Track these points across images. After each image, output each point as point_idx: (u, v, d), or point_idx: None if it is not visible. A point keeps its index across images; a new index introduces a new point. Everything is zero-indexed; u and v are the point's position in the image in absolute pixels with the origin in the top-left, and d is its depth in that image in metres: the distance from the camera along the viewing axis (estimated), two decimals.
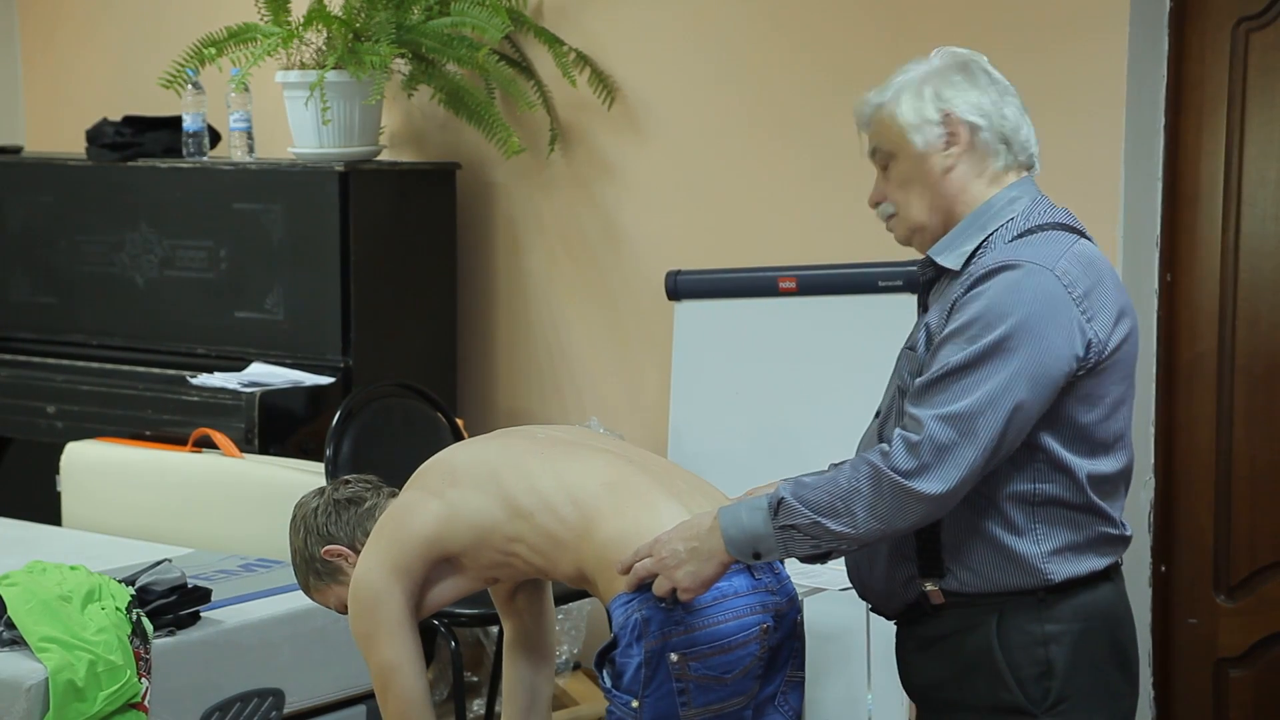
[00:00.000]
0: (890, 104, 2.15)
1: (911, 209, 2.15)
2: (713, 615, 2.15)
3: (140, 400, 4.24)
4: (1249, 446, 3.41)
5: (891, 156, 2.16)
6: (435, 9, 4.18)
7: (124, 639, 2.65)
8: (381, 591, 2.30)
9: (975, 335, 2.00)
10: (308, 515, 2.48)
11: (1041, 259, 2.03)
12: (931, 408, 1.99)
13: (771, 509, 2.03)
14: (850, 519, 2.00)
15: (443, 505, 2.31)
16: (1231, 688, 3.46)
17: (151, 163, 4.44)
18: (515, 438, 2.42)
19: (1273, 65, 3.35)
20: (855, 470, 2.01)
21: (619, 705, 2.18)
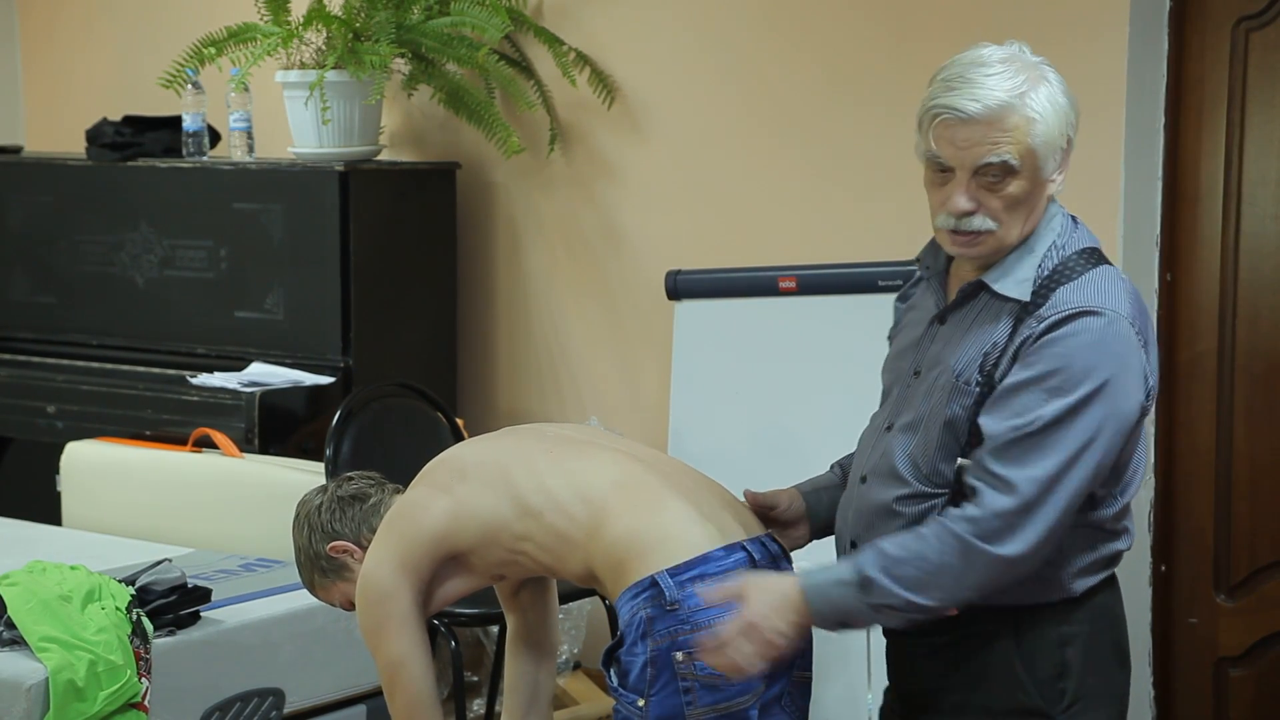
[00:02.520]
0: (1032, 112, 1.98)
1: (1013, 231, 2.03)
2: (718, 615, 2.12)
3: (140, 400, 4.24)
4: (1249, 446, 3.41)
5: (1014, 172, 1.99)
6: (435, 9, 4.18)
7: (124, 639, 2.65)
8: (390, 587, 2.30)
9: (1060, 388, 1.95)
10: (311, 512, 2.47)
11: (1115, 304, 1.99)
12: (1020, 468, 1.95)
13: (861, 586, 1.99)
14: (941, 592, 1.98)
15: (452, 502, 2.30)
16: (1232, 687, 3.46)
17: (151, 162, 4.44)
18: (524, 436, 2.42)
19: (1273, 65, 3.35)
20: (943, 543, 1.97)
21: (625, 704, 2.18)
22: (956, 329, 2.10)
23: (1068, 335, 1.97)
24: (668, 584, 2.14)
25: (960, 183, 2.01)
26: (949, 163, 2.02)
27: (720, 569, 2.15)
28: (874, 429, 2.21)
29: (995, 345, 2.04)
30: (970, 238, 2.04)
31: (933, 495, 2.07)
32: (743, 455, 3.47)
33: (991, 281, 2.06)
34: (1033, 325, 2.00)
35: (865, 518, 2.14)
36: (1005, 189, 2.01)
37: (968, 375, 2.04)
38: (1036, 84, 2.01)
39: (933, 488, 2.06)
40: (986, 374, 2.03)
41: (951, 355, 2.08)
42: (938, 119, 2.01)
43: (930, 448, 2.07)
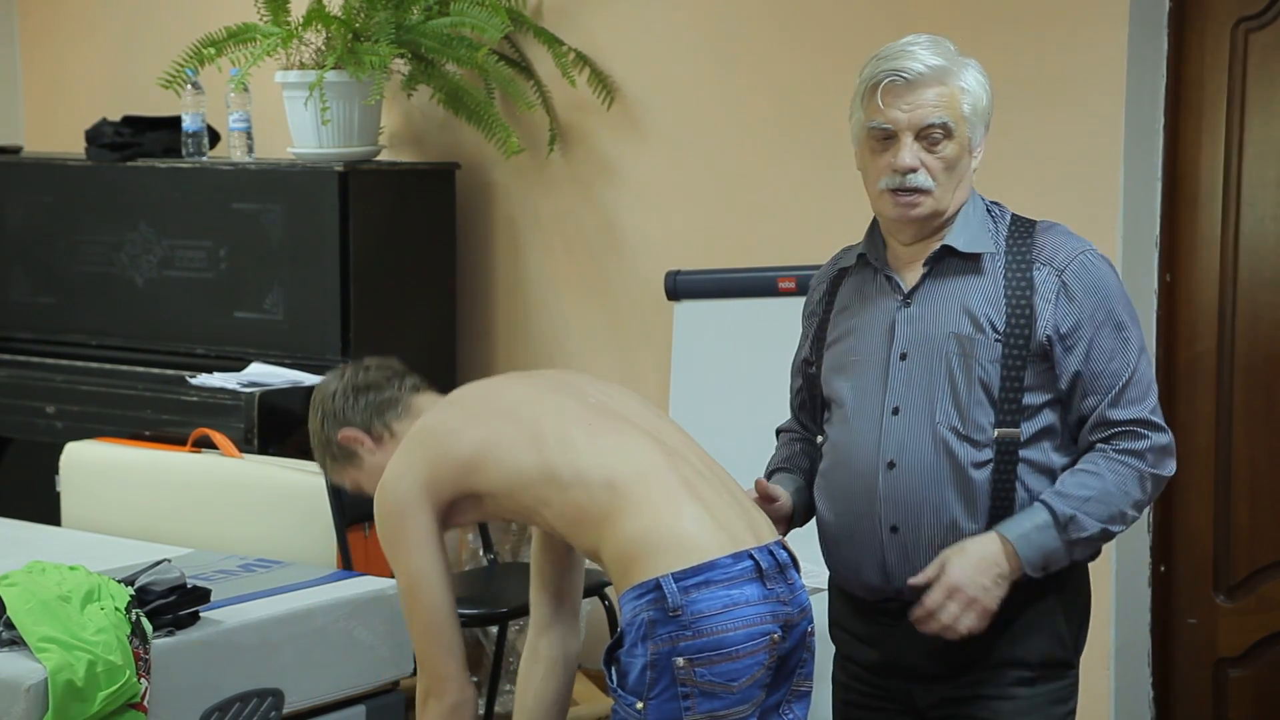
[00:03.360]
0: (964, 84, 2.20)
1: (946, 196, 2.22)
2: (721, 623, 2.13)
3: (139, 400, 4.24)
4: (1249, 446, 3.41)
5: (950, 135, 2.19)
6: (435, 9, 4.18)
7: (123, 639, 2.65)
8: (410, 504, 2.27)
9: (1118, 325, 2.20)
10: (325, 399, 2.44)
11: (1091, 244, 2.25)
12: (1142, 405, 2.20)
13: (1061, 526, 2.16)
14: (1123, 520, 2.19)
15: (483, 439, 2.28)
16: (1231, 688, 3.46)
17: (151, 163, 4.44)
18: (567, 397, 2.34)
19: (1272, 65, 3.36)
20: (1120, 476, 2.18)
21: (624, 706, 2.17)
22: (932, 302, 2.22)
23: (1089, 272, 2.20)
24: (671, 589, 2.13)
25: (905, 144, 2.18)
26: (893, 127, 2.18)
27: (726, 576, 2.14)
28: (866, 420, 2.24)
29: (992, 296, 2.19)
30: (912, 197, 2.19)
31: (982, 461, 2.18)
32: (742, 455, 3.46)
33: (956, 243, 2.22)
34: (1053, 278, 2.18)
35: (907, 500, 2.20)
36: (943, 151, 2.19)
37: (978, 330, 2.19)
38: (964, 65, 2.23)
39: (979, 450, 2.18)
40: (1006, 326, 2.17)
41: (939, 324, 2.21)
42: (881, 85, 2.19)
43: (966, 411, 2.18)
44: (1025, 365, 2.16)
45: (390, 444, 2.39)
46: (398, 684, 3.16)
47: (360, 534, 3.58)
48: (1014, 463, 2.17)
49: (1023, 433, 2.17)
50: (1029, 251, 2.19)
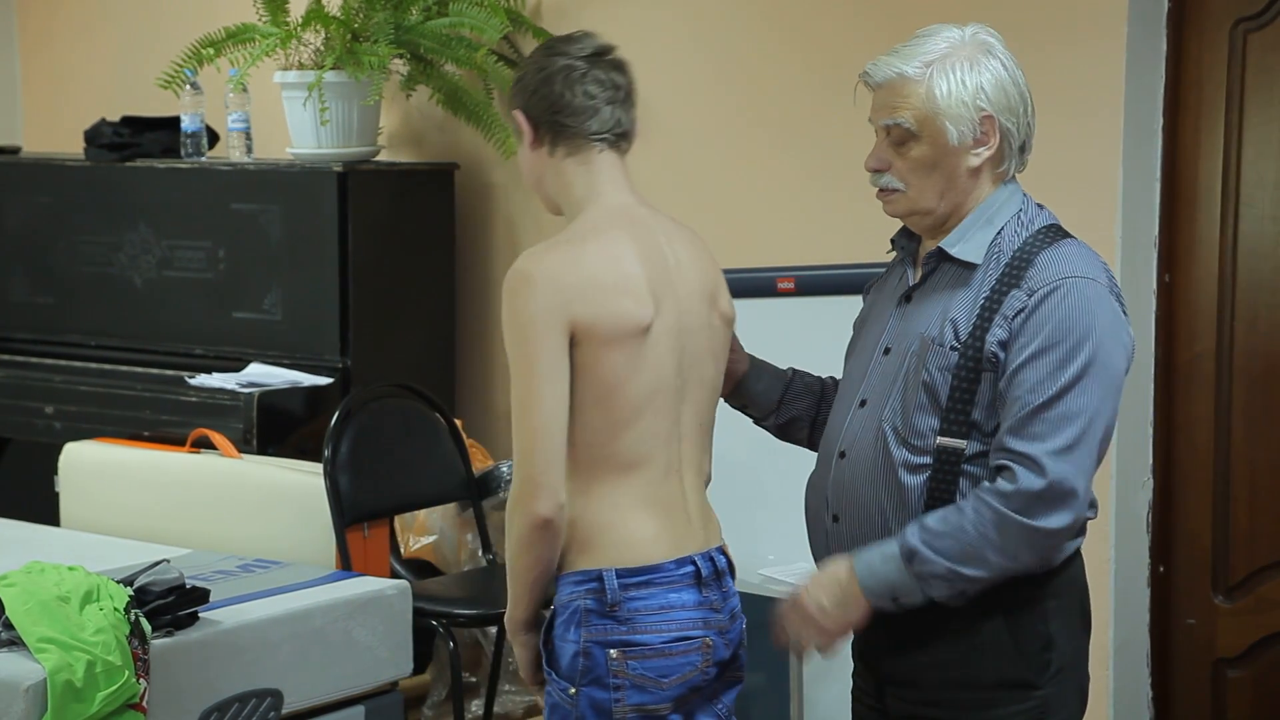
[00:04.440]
0: (924, 82, 2.14)
1: (925, 195, 2.17)
2: (654, 623, 2.19)
3: (138, 401, 4.24)
4: (1247, 447, 3.41)
5: (914, 137, 2.15)
6: (434, 9, 4.18)
7: (122, 639, 2.65)
8: (547, 310, 2.15)
9: (1065, 358, 2.05)
10: (532, 65, 2.29)
11: (1093, 271, 2.11)
12: (1042, 442, 2.04)
13: (905, 557, 2.08)
14: (984, 565, 2.07)
15: (635, 344, 2.18)
16: (1230, 688, 3.46)
17: (150, 163, 4.44)
18: (681, 356, 2.25)
19: (1271, 66, 3.36)
20: (979, 516, 2.06)
21: (557, 690, 2.22)
22: (923, 302, 2.20)
23: (1058, 303, 2.07)
24: (612, 585, 2.18)
25: (877, 143, 2.19)
26: (873, 126, 2.20)
27: (667, 580, 2.20)
28: (844, 407, 2.26)
29: (968, 308, 2.13)
30: (883, 195, 2.20)
31: (918, 465, 2.14)
32: (742, 454, 3.46)
33: (949, 247, 2.18)
34: (1023, 299, 2.09)
35: (848, 492, 2.20)
36: (909, 152, 2.16)
37: (940, 337, 2.14)
38: (956, 62, 2.14)
39: (917, 455, 2.14)
40: (968, 336, 2.12)
41: (921, 325, 2.18)
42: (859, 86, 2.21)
43: (909, 414, 2.14)
44: (978, 380, 2.10)
45: (545, 156, 2.29)
46: (396, 684, 3.17)
47: (359, 534, 3.58)
48: (955, 474, 2.11)
49: (970, 447, 2.11)
50: (1023, 269, 2.11)
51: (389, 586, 3.15)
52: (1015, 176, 2.22)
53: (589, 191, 2.29)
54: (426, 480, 3.81)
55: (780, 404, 2.44)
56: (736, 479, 2.74)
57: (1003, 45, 2.19)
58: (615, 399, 2.18)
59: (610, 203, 2.28)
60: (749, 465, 3.06)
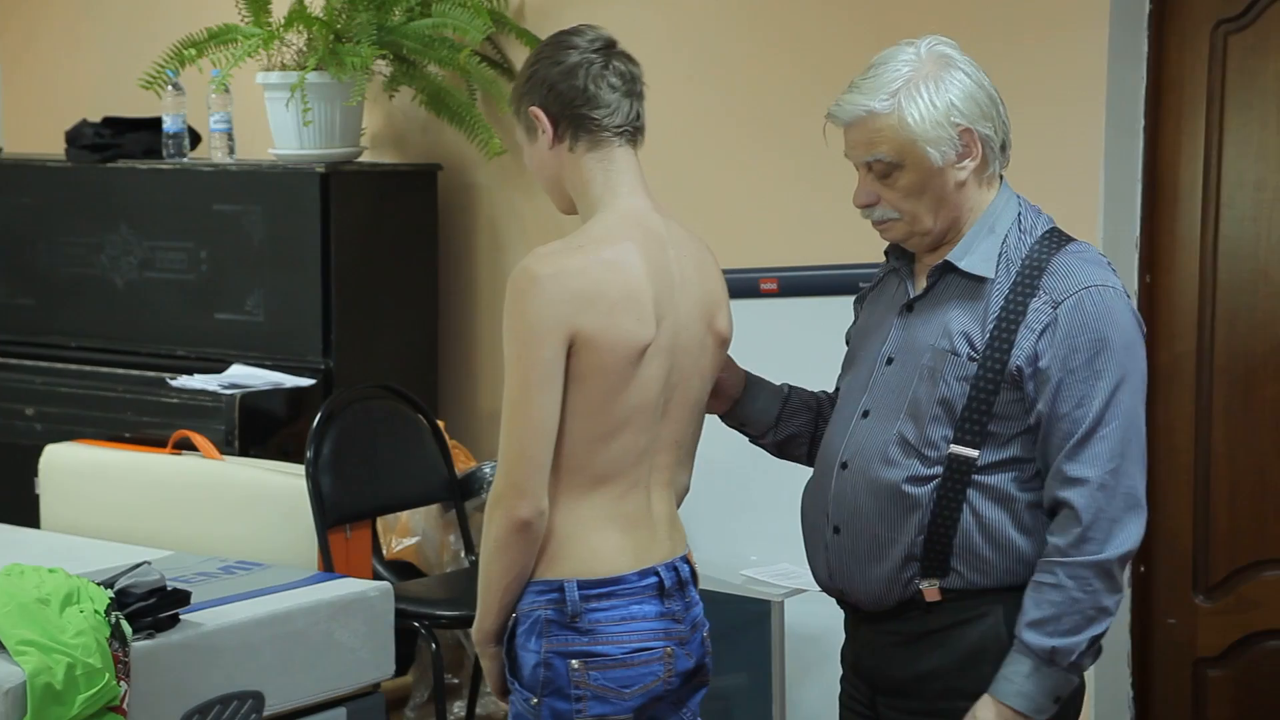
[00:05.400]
0: (894, 114, 2.12)
1: (921, 218, 2.17)
2: (616, 634, 2.18)
3: (120, 402, 4.22)
4: (1228, 447, 3.43)
5: (897, 167, 2.14)
6: (416, 10, 4.18)
7: (103, 642, 2.64)
8: (541, 301, 2.12)
9: (1100, 371, 2.08)
10: (545, 60, 2.23)
11: (1109, 278, 2.14)
12: (1101, 463, 2.08)
13: (1047, 660, 2.09)
14: (1106, 612, 2.11)
15: (623, 349, 2.15)
16: (1210, 687, 3.47)
17: (131, 164, 4.43)
18: (667, 374, 2.23)
19: (1251, 67, 3.37)
20: (1079, 579, 2.08)
21: (520, 700, 2.21)
22: (928, 313, 2.19)
23: (1086, 314, 2.09)
24: (573, 597, 2.17)
25: (860, 178, 2.19)
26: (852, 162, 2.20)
27: (630, 591, 2.20)
28: (844, 418, 2.25)
29: (980, 318, 2.13)
30: (880, 226, 2.21)
31: (928, 477, 2.14)
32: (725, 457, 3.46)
33: (957, 260, 2.17)
34: (1048, 312, 2.11)
35: (850, 503, 2.19)
36: (897, 182, 2.15)
37: (955, 348, 2.13)
38: (920, 84, 2.13)
39: (928, 466, 2.14)
40: (986, 347, 2.12)
41: (931, 336, 2.16)
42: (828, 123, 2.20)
43: (923, 425, 2.14)
44: (997, 391, 2.11)
45: (564, 152, 2.23)
46: (378, 686, 3.16)
47: (341, 535, 3.58)
48: (964, 484, 2.12)
49: (983, 457, 2.12)
50: (1037, 278, 2.12)
51: (371, 588, 3.15)
52: (1003, 176, 2.22)
53: (606, 190, 2.25)
54: (409, 481, 3.81)
55: (778, 421, 2.42)
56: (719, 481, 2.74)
57: (960, 51, 2.19)
58: (600, 414, 2.17)
59: (625, 207, 2.24)
60: (731, 467, 3.06)
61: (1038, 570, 2.11)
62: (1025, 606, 2.10)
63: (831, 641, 3.25)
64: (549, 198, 2.33)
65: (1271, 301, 3.37)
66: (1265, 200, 3.37)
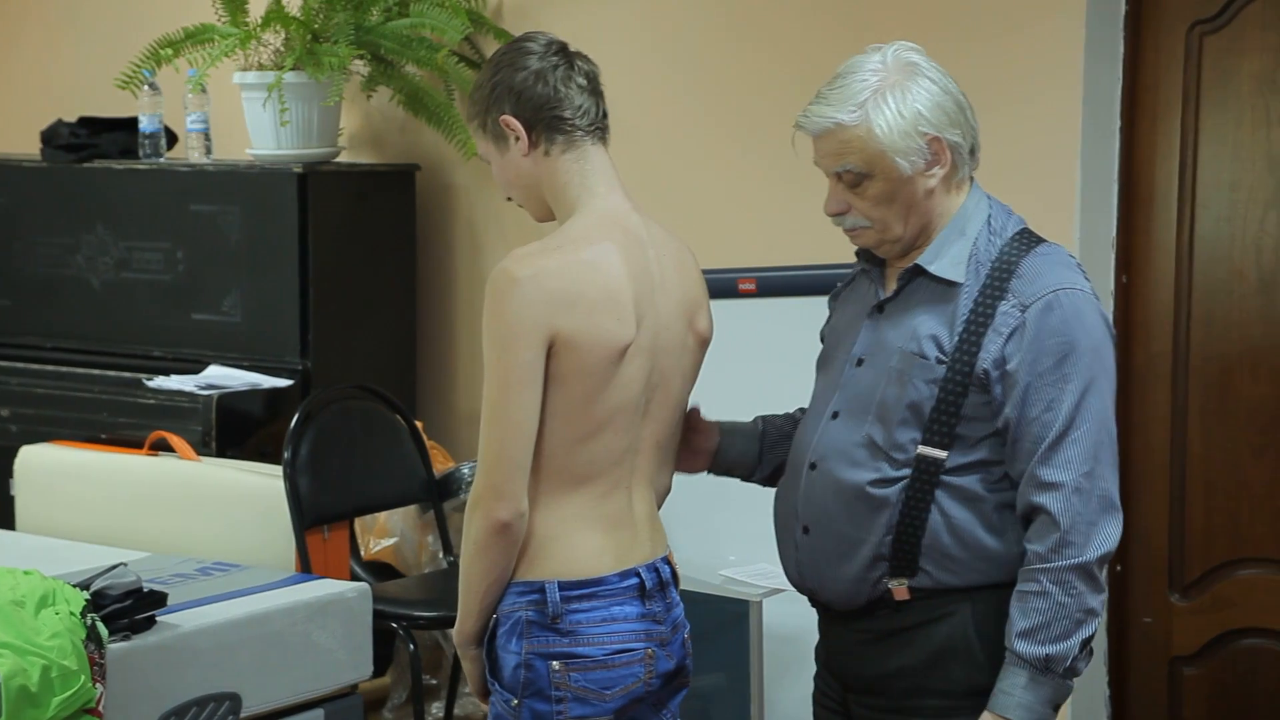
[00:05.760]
0: (862, 124, 2.13)
1: (891, 225, 2.18)
2: (597, 635, 2.18)
3: (96, 403, 4.21)
4: (1203, 447, 3.44)
5: (867, 177, 2.15)
6: (394, 10, 4.17)
7: (78, 644, 2.63)
8: (522, 302, 2.12)
9: (1070, 375, 2.09)
10: (505, 69, 2.24)
11: (1078, 281, 2.15)
12: (1074, 466, 2.09)
13: (1042, 669, 2.09)
14: (1093, 613, 2.11)
15: (601, 351, 2.15)
16: (1185, 686, 3.48)
17: (107, 164, 4.41)
18: (650, 374, 2.23)
19: (1226, 68, 3.38)
20: (1062, 584, 2.09)
21: (500, 701, 2.22)
22: (898, 315, 2.20)
23: (1055, 318, 2.10)
24: (554, 598, 2.18)
25: (830, 187, 2.20)
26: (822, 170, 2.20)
27: (610, 592, 2.20)
28: (814, 418, 2.26)
29: (950, 321, 2.14)
30: (851, 233, 2.22)
31: (897, 478, 2.15)
32: None
33: (927, 264, 2.18)
34: (1016, 315, 2.11)
35: (819, 503, 2.21)
36: (867, 191, 2.17)
37: (925, 351, 2.14)
38: (887, 93, 2.13)
39: (896, 469, 2.15)
40: (955, 350, 2.13)
41: (900, 339, 2.18)
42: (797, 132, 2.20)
43: (891, 428, 2.15)
44: (965, 394, 2.12)
45: (540, 157, 2.23)
46: (356, 687, 3.16)
47: (319, 536, 3.57)
48: (933, 485, 2.13)
49: (951, 459, 2.13)
50: (1005, 281, 2.13)
51: (349, 589, 3.14)
52: (973, 177, 2.23)
53: (584, 190, 2.25)
54: (387, 482, 3.80)
55: (761, 459, 2.43)
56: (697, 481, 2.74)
57: (926, 58, 2.19)
58: (581, 414, 2.17)
59: (603, 207, 2.24)
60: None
61: (1020, 580, 2.12)
62: (1013, 617, 2.10)
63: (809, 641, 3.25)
64: (525, 208, 2.32)
65: (1246, 301, 3.39)
66: (1240, 201, 3.39)
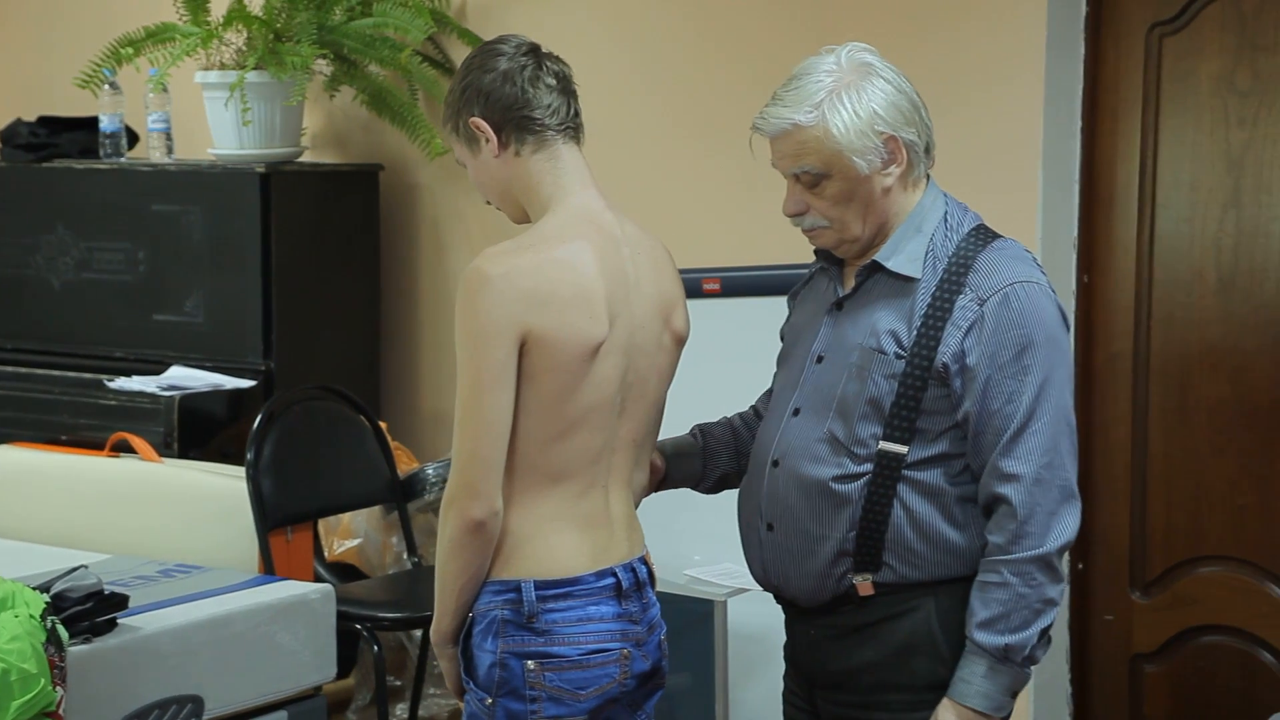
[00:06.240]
0: (819, 125, 2.15)
1: (850, 225, 2.20)
2: (572, 635, 2.19)
3: (56, 404, 4.18)
4: (1163, 444, 3.47)
5: (825, 177, 2.17)
6: (357, 10, 4.16)
7: (38, 647, 2.61)
8: (494, 298, 2.12)
9: (1028, 367, 2.12)
10: (475, 71, 2.25)
11: (1033, 274, 2.18)
12: (1030, 461, 2.11)
13: (1001, 658, 2.12)
14: (1051, 602, 2.13)
15: (586, 357, 2.15)
16: (1147, 683, 3.51)
17: (68, 164, 4.39)
18: (626, 374, 2.23)
19: (1185, 70, 3.41)
20: (1022, 574, 2.11)
21: (475, 699, 2.22)
22: (857, 311, 2.22)
23: (1011, 311, 2.13)
24: (530, 597, 2.18)
25: (789, 188, 2.22)
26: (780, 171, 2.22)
27: (586, 592, 2.20)
28: (776, 416, 2.28)
29: (908, 316, 2.16)
30: (810, 233, 2.24)
31: (859, 474, 2.17)
32: None
33: (884, 260, 2.20)
34: (974, 309, 2.14)
35: (782, 500, 2.22)
36: (825, 191, 2.18)
37: (884, 346, 2.16)
38: (843, 94, 2.16)
39: (858, 464, 2.17)
40: (914, 345, 2.15)
41: (860, 335, 2.20)
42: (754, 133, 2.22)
43: (851, 423, 2.17)
44: (925, 388, 2.14)
45: (511, 158, 2.24)
46: (320, 689, 3.14)
47: (282, 538, 3.56)
48: (894, 479, 2.15)
49: (912, 453, 2.15)
50: (963, 275, 2.15)
51: (312, 590, 3.13)
52: (931, 175, 2.25)
53: (556, 189, 2.26)
54: (351, 483, 3.79)
55: (704, 472, 2.45)
56: None
57: (879, 58, 2.21)
58: (554, 412, 2.17)
59: (576, 205, 2.25)
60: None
61: (981, 570, 2.14)
62: (973, 607, 2.13)
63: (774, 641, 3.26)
64: (501, 210, 2.33)
65: (1206, 300, 3.42)
66: (1200, 201, 3.42)
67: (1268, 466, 3.36)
